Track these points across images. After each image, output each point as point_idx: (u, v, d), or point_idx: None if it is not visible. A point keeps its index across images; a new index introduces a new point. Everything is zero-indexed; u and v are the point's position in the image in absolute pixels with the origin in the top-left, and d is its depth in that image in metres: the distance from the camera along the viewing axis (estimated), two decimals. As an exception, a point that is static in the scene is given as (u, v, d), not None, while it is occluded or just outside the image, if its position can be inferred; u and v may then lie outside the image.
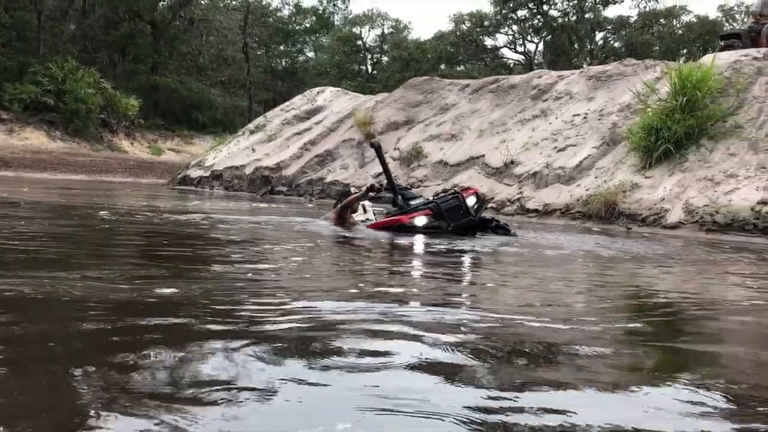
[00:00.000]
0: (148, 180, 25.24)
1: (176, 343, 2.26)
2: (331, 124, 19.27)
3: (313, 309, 2.98)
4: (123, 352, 2.12)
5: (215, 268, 4.28)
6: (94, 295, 3.01)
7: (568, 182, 12.42)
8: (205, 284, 3.50)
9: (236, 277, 3.91)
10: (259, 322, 2.68)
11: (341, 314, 2.87)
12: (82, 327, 2.47)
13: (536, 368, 2.24)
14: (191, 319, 2.65)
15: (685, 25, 44.60)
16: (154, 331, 2.44)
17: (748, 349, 2.87)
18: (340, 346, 2.33)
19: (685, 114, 11.57)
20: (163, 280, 3.54)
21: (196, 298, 3.09)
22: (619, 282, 4.92)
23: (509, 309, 3.37)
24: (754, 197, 9.90)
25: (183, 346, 2.23)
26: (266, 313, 2.83)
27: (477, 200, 7.48)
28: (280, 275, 4.19)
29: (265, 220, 9.13)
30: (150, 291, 3.18)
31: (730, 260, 6.87)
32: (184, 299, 3.06)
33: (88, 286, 3.25)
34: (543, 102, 15.22)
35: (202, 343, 2.30)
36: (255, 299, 3.18)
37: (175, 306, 2.92)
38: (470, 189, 7.94)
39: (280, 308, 2.95)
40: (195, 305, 2.94)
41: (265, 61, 51.40)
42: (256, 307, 2.96)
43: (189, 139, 37.90)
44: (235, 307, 2.96)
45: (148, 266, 4.31)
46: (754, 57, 12.84)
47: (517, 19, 46.29)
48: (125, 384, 1.84)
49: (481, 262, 5.84)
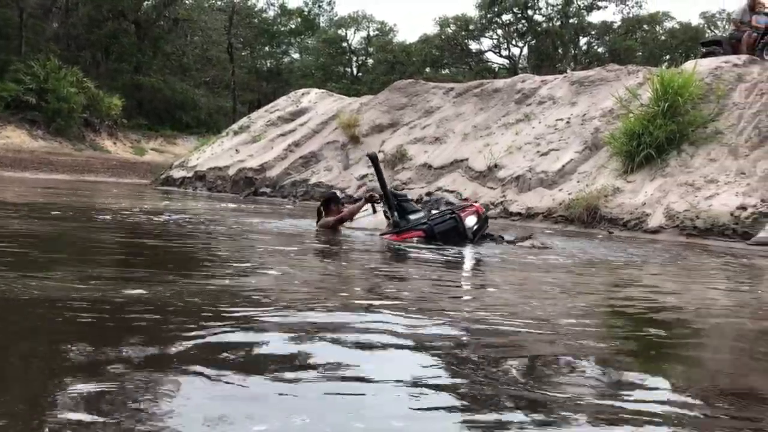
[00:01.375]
0: (131, 180, 25.07)
1: (138, 346, 2.21)
2: (316, 125, 19.25)
3: (290, 317, 2.87)
4: (78, 357, 2.03)
5: (190, 270, 4.15)
6: (53, 296, 2.88)
7: (551, 186, 12.50)
8: (174, 286, 3.37)
9: (212, 282, 3.70)
10: (226, 328, 2.55)
11: (316, 323, 2.79)
12: (31, 327, 2.39)
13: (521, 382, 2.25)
14: (156, 323, 2.54)
15: (668, 31, 45.01)
16: (116, 336, 2.33)
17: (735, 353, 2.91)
18: (313, 360, 2.31)
19: (666, 119, 11.69)
20: (131, 281, 3.42)
21: (166, 300, 2.98)
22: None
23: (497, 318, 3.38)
24: (734, 203, 10.01)
25: (140, 351, 2.15)
26: (235, 320, 2.71)
27: (477, 220, 6.92)
28: (259, 280, 4.05)
29: (247, 223, 9.10)
30: (116, 292, 3.07)
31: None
32: (153, 301, 2.95)
33: (46, 286, 3.12)
34: (527, 106, 15.31)
35: (144, 348, 2.18)
36: (224, 304, 3.04)
37: (141, 308, 2.80)
38: (472, 206, 7.27)
39: (253, 316, 2.81)
40: (163, 307, 2.82)
41: (249, 62, 51.23)
42: (224, 312, 2.83)
43: (172, 140, 37.69)
44: (203, 311, 2.83)
45: (119, 266, 4.21)
46: (734, 64, 12.99)
47: (502, 24, 46.49)
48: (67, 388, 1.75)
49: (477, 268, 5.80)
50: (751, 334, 3.40)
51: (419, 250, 6.20)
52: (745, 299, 4.66)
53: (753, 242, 9.35)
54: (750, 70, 12.79)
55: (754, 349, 3.01)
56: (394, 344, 2.47)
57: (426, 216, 6.89)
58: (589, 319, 3.42)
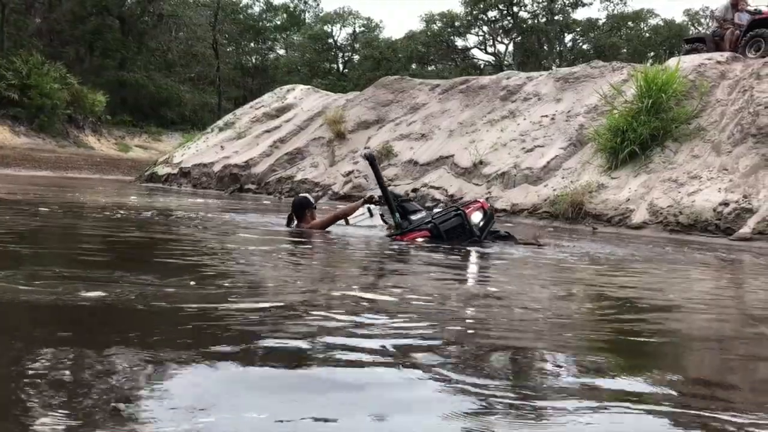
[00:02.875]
0: (115, 177, 24.93)
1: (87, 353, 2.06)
2: (302, 122, 19.20)
3: (266, 319, 2.72)
4: (31, 363, 1.93)
5: (159, 271, 3.90)
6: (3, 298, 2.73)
7: (536, 182, 12.55)
8: (143, 288, 3.15)
9: (179, 283, 3.43)
10: (187, 335, 2.41)
11: (290, 323, 2.70)
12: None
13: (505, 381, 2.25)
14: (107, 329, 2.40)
15: (653, 28, 45.31)
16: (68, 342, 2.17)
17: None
18: (291, 358, 2.31)
19: (650, 116, 11.77)
20: (94, 283, 3.18)
21: (130, 304, 2.80)
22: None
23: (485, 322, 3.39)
24: (716, 198, 10.10)
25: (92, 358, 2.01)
26: (199, 323, 2.56)
27: (483, 216, 6.59)
28: (230, 281, 3.74)
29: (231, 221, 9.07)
30: (75, 294, 2.86)
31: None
32: (114, 304, 2.78)
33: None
34: (512, 103, 15.35)
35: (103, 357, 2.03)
36: (189, 306, 2.85)
37: (100, 312, 2.65)
38: (476, 202, 6.90)
39: (219, 321, 2.62)
40: (123, 311, 2.68)
41: (235, 58, 51.06)
42: (186, 317, 2.67)
43: (157, 136, 37.52)
44: (165, 317, 2.68)
45: (82, 265, 3.99)
46: (717, 61, 13.09)
47: (488, 20, 46.60)
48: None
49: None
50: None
51: (412, 250, 5.95)
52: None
53: (735, 238, 9.44)
54: (733, 67, 12.90)
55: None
56: (380, 347, 2.47)
57: (428, 215, 6.61)
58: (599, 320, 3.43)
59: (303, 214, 6.82)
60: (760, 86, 11.71)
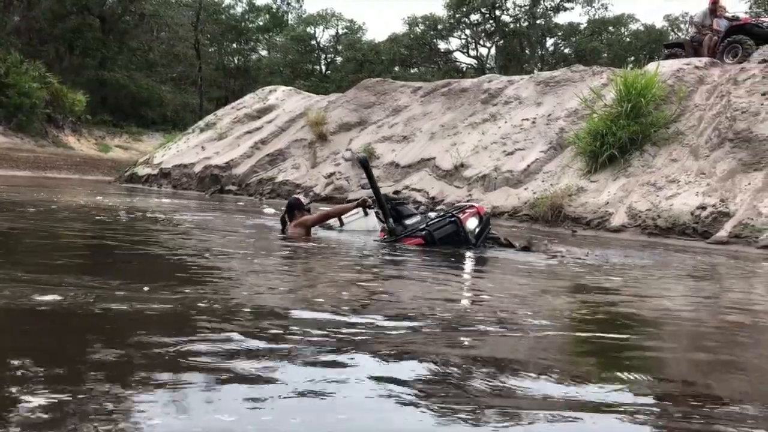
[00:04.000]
0: (95, 177, 24.71)
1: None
2: (283, 123, 19.16)
3: (235, 323, 2.62)
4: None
5: (121, 274, 3.80)
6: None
7: (516, 185, 12.61)
8: (101, 292, 3.04)
9: (139, 287, 3.26)
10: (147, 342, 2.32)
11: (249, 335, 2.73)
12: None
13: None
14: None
15: (633, 33, 45.70)
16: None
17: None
18: (266, 359, 2.30)
19: (629, 120, 11.87)
20: (48, 285, 3.06)
21: (82, 308, 2.71)
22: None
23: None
24: (694, 202, 10.20)
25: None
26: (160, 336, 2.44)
27: (479, 222, 6.44)
28: (185, 287, 3.52)
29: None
30: (27, 298, 2.79)
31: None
32: (68, 309, 2.69)
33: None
34: (493, 106, 15.41)
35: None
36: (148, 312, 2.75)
37: (48, 317, 2.56)
38: (472, 207, 6.66)
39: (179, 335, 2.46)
40: (72, 317, 2.59)
41: (217, 59, 50.82)
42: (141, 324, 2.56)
43: (138, 136, 37.23)
44: (114, 324, 2.56)
45: (42, 268, 3.88)
46: (696, 66, 13.23)
47: (470, 24, 46.76)
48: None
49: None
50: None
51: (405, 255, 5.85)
52: None
53: (712, 241, 9.54)
54: (711, 72, 13.05)
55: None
56: (366, 350, 2.46)
57: (423, 220, 6.45)
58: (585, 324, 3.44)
59: (293, 215, 6.67)
60: (737, 92, 11.85)
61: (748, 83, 11.92)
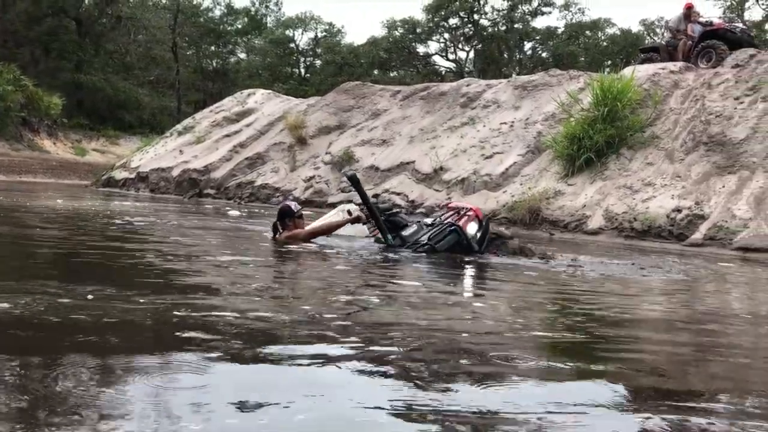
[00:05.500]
0: (71, 181, 24.42)
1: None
2: (262, 126, 19.11)
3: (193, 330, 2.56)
4: None
5: (84, 279, 3.70)
6: None
7: (495, 189, 12.69)
8: (58, 299, 2.92)
9: (74, 294, 3.12)
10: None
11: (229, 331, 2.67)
12: None
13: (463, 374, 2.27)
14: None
15: (610, 37, 46.13)
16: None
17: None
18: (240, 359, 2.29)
19: (606, 124, 12.00)
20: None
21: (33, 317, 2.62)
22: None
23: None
24: (669, 205, 10.34)
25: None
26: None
27: (479, 226, 6.26)
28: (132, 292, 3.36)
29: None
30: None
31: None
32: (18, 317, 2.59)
33: None
34: (471, 110, 15.49)
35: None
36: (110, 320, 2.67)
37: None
38: (470, 210, 6.42)
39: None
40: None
41: (195, 62, 50.50)
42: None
43: (115, 140, 36.86)
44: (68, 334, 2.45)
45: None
46: (671, 70, 13.41)
47: (449, 28, 46.90)
48: None
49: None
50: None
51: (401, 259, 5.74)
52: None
53: (687, 243, 9.67)
54: (685, 76, 13.23)
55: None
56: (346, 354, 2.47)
57: (420, 229, 6.19)
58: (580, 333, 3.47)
59: (285, 224, 6.35)
60: (711, 96, 12.04)
61: (721, 87, 12.11)
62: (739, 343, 3.33)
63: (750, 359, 2.98)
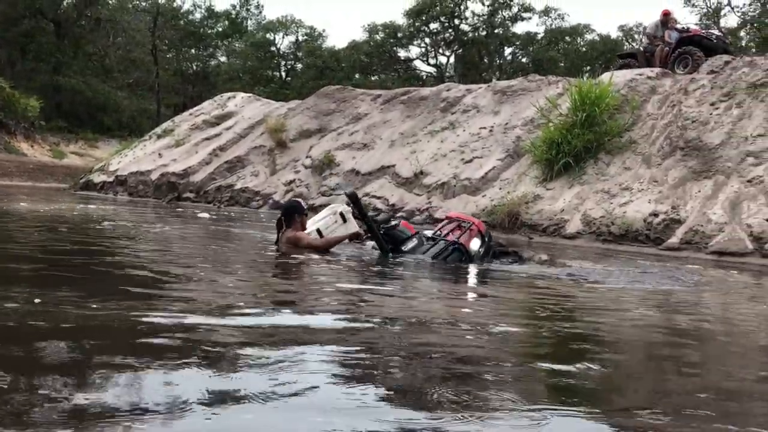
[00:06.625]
0: (48, 184, 24.15)
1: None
2: (242, 130, 19.03)
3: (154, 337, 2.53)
4: None
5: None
6: None
7: (474, 193, 12.74)
8: (5, 303, 2.87)
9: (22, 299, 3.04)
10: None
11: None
12: None
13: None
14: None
15: (589, 42, 46.50)
16: None
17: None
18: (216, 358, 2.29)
19: (584, 129, 12.11)
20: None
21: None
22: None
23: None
24: (647, 209, 10.45)
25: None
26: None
27: (482, 242, 6.21)
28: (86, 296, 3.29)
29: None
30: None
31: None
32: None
33: None
34: (452, 114, 15.55)
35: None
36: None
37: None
38: (472, 225, 6.36)
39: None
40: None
41: (175, 65, 50.21)
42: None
43: (93, 143, 36.52)
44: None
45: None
46: (648, 76, 13.56)
47: (430, 32, 47.03)
48: None
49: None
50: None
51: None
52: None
53: (664, 248, 9.77)
54: (662, 82, 13.38)
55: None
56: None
57: (419, 242, 6.10)
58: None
59: (292, 220, 6.18)
60: (687, 101, 12.19)
61: (698, 93, 12.27)
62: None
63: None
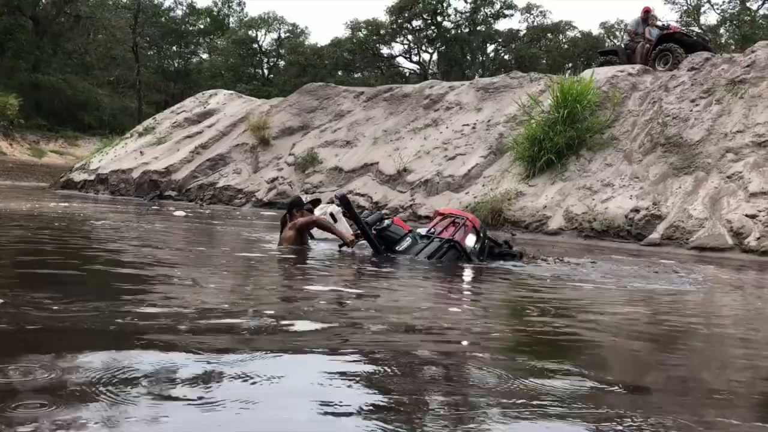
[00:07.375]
0: (28, 183, 23.91)
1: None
2: (224, 127, 18.93)
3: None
4: None
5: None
6: None
7: (458, 190, 12.77)
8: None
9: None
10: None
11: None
12: None
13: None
14: None
15: (571, 40, 46.73)
16: None
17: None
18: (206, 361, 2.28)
19: (566, 126, 12.17)
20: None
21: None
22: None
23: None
24: (628, 205, 10.52)
25: None
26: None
27: (478, 237, 6.14)
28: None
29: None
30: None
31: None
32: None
33: None
34: (434, 112, 15.57)
35: None
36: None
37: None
38: (466, 220, 6.26)
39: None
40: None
41: (156, 62, 49.87)
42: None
43: (74, 141, 36.19)
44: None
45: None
46: (629, 73, 13.65)
47: (412, 29, 47.07)
48: None
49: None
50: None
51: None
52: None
53: (645, 243, 9.85)
54: (643, 79, 13.48)
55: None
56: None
57: (413, 241, 6.01)
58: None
59: (293, 214, 6.35)
60: (668, 98, 12.28)
61: (678, 90, 12.36)
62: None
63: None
